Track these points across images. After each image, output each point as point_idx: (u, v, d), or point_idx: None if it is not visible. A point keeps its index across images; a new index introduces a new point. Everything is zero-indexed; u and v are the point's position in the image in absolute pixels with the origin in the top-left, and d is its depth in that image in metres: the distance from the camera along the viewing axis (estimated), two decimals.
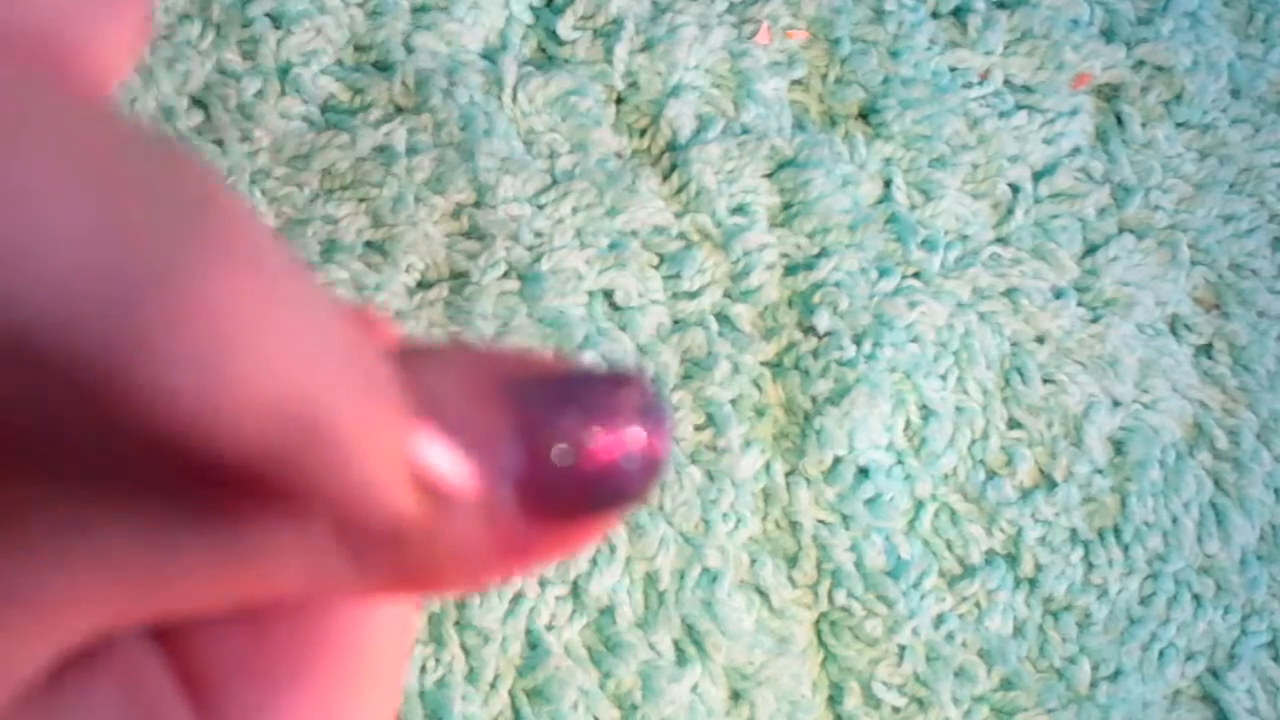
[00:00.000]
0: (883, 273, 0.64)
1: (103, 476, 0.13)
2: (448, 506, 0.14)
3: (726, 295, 0.63)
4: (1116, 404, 0.66)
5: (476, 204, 0.61)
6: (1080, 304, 0.67)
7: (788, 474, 0.62)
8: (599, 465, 0.15)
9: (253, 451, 0.12)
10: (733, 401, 0.62)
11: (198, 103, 0.62)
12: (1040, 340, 0.66)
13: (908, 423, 0.63)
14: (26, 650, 0.14)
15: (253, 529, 0.14)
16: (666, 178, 0.64)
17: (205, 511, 0.14)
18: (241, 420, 0.12)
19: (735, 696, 0.59)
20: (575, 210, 0.62)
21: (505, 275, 0.61)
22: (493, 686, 0.57)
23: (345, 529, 0.14)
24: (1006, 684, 0.62)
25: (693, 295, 0.63)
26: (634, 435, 0.15)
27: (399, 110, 0.63)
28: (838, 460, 0.62)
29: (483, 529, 0.15)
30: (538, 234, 0.62)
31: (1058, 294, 0.67)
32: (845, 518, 0.61)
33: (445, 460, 0.14)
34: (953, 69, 0.69)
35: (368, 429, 0.13)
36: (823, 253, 0.64)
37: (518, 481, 0.14)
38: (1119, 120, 0.70)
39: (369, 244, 0.61)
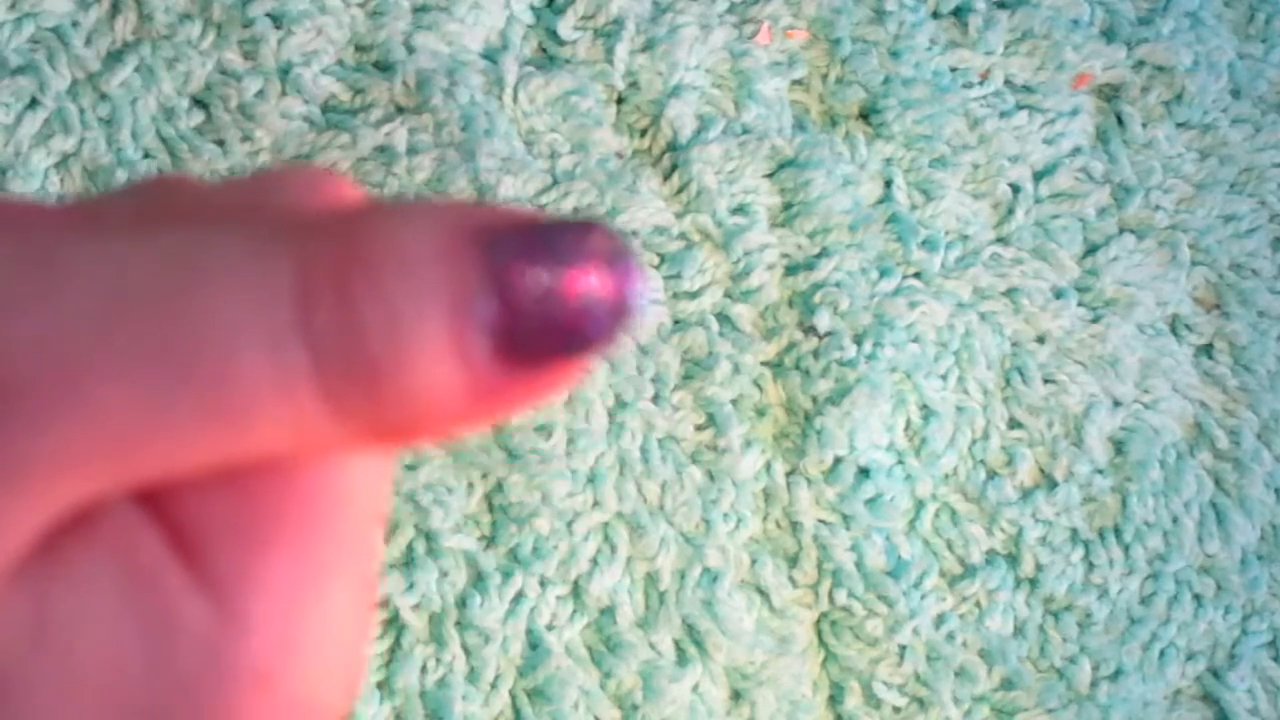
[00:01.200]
0: (883, 273, 0.65)
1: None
2: (422, 354, 0.15)
3: (727, 295, 0.63)
4: (1117, 404, 0.66)
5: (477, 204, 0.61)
6: (1081, 304, 0.67)
7: (788, 474, 0.62)
8: (569, 310, 0.15)
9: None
10: (733, 401, 0.62)
11: (199, 103, 0.62)
12: (1041, 340, 0.66)
13: (908, 423, 0.63)
14: (19, 515, 0.14)
15: (238, 386, 0.14)
16: (667, 178, 0.64)
17: (191, 373, 0.14)
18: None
19: (736, 696, 0.59)
20: (576, 210, 0.62)
21: None
22: (493, 686, 0.57)
23: (325, 382, 0.15)
24: (1007, 684, 0.62)
25: (693, 295, 0.63)
26: (602, 280, 0.16)
27: (400, 110, 0.63)
28: (838, 460, 0.62)
29: (457, 376, 0.15)
30: None
31: (1058, 294, 0.67)
32: (846, 518, 0.61)
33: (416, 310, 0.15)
34: (953, 69, 0.69)
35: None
36: (823, 253, 0.64)
37: (490, 329, 0.15)
38: (1119, 120, 0.70)
39: None
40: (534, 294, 0.15)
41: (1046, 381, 0.66)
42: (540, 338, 0.15)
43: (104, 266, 0.15)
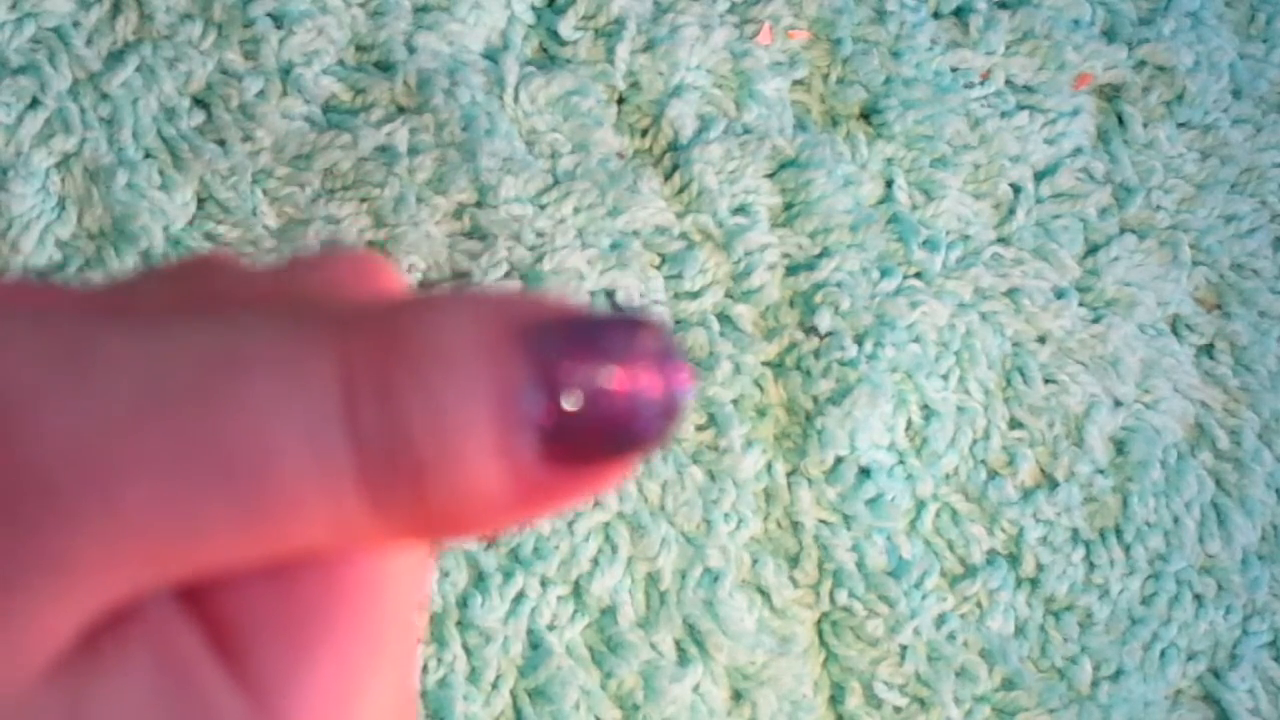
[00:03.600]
0: (884, 273, 0.64)
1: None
2: (468, 453, 0.14)
3: (728, 295, 0.63)
4: (1118, 404, 0.66)
5: (478, 204, 0.61)
6: (1082, 304, 0.67)
7: (789, 474, 0.62)
8: (617, 409, 0.15)
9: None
10: (734, 401, 0.62)
11: (200, 103, 0.62)
12: (1042, 340, 0.66)
13: (909, 423, 0.63)
14: (59, 615, 0.14)
15: (279, 484, 0.14)
16: (668, 178, 0.64)
17: (231, 471, 0.14)
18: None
19: (737, 696, 0.59)
20: (577, 210, 0.62)
21: (507, 275, 0.61)
22: (494, 686, 0.57)
23: (368, 478, 0.14)
24: (1008, 684, 0.62)
25: (694, 295, 0.63)
26: (651, 379, 0.15)
27: (401, 110, 0.63)
28: (839, 460, 0.62)
29: (504, 475, 0.15)
30: (539, 234, 0.62)
31: (1059, 294, 0.67)
32: (847, 518, 0.61)
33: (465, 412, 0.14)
34: (954, 69, 0.69)
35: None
36: (824, 253, 0.64)
37: (537, 427, 0.15)
38: (1120, 120, 0.70)
39: (371, 244, 0.61)
40: (582, 392, 0.15)
41: (1047, 381, 0.66)
42: (588, 437, 0.15)
43: (138, 358, 0.14)
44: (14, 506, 0.14)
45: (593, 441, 0.15)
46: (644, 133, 0.65)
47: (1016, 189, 0.68)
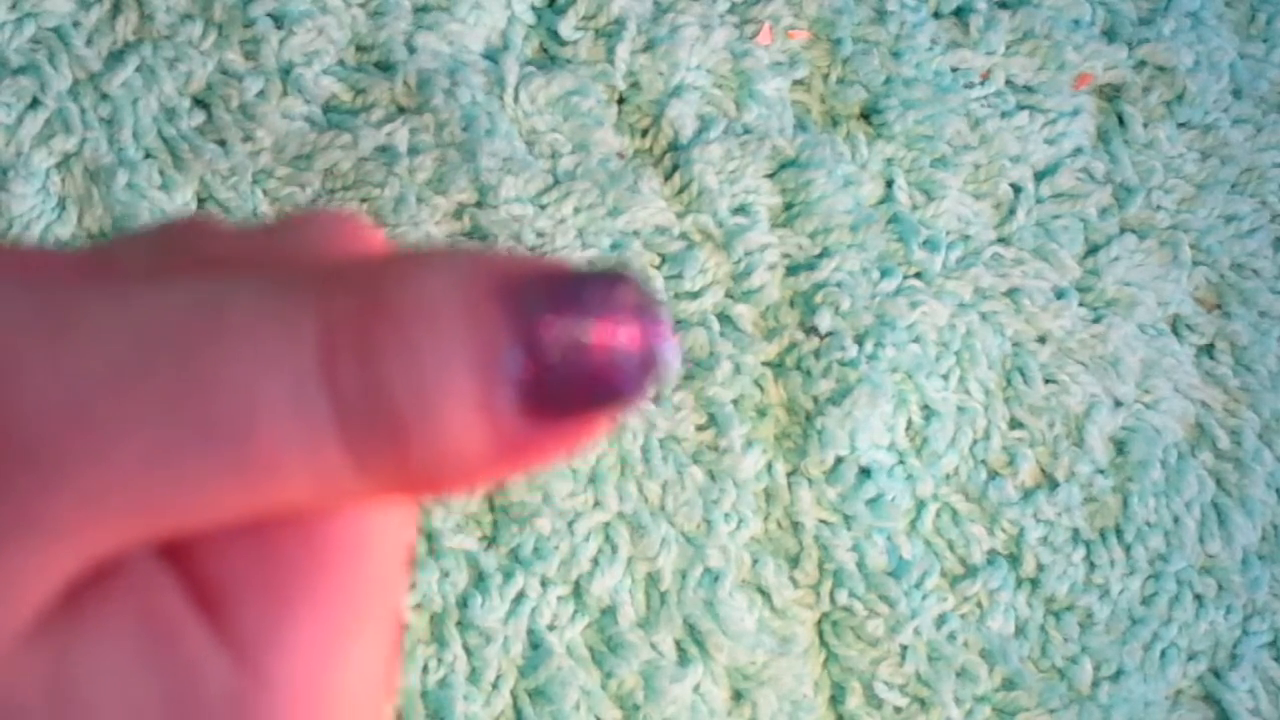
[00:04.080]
0: (884, 273, 0.64)
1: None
2: (448, 408, 0.15)
3: (728, 295, 0.63)
4: (1118, 404, 0.66)
5: (478, 204, 0.61)
6: (1082, 304, 0.67)
7: (789, 474, 0.62)
8: (597, 363, 0.15)
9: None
10: (734, 401, 0.62)
11: (200, 103, 0.62)
12: (1042, 340, 0.66)
13: (909, 423, 0.63)
14: (41, 571, 0.14)
15: (260, 440, 0.14)
16: (668, 178, 0.64)
17: (212, 427, 0.14)
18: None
19: (737, 696, 0.59)
20: (577, 210, 0.62)
21: None
22: (495, 686, 0.57)
23: (350, 435, 0.14)
24: (1008, 684, 0.62)
25: (694, 295, 0.63)
26: (630, 333, 0.15)
27: (401, 110, 0.63)
28: (839, 460, 0.62)
29: (484, 430, 0.15)
30: (540, 234, 0.62)
31: (1059, 294, 0.67)
32: (847, 518, 0.61)
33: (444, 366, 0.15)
34: (954, 69, 0.69)
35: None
36: (824, 253, 0.64)
37: (518, 382, 0.15)
38: (1121, 120, 0.70)
39: None
40: (562, 347, 0.15)
41: (1048, 381, 0.66)
42: (568, 391, 0.15)
43: (120, 318, 0.14)
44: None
45: (573, 395, 0.15)
46: (644, 133, 0.65)
47: (1017, 189, 0.68)
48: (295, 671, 0.15)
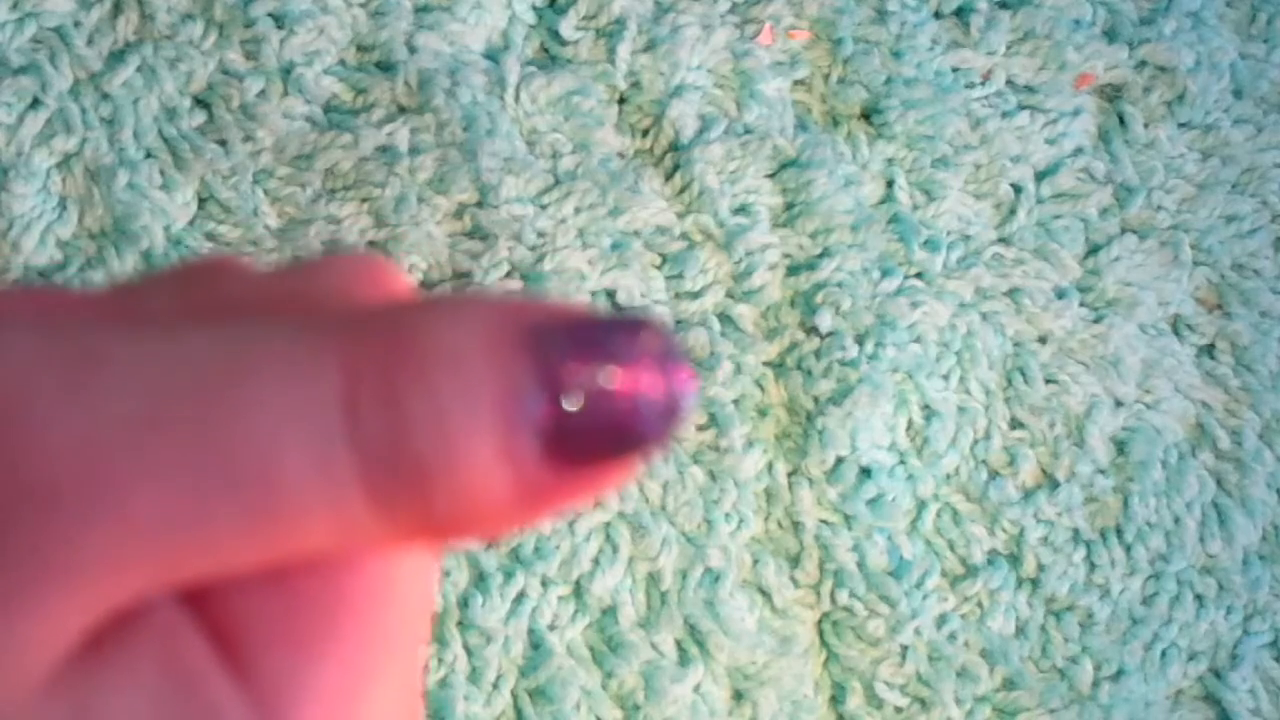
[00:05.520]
0: (885, 273, 0.64)
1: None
2: (470, 455, 0.15)
3: (729, 295, 0.63)
4: (1119, 404, 0.66)
5: (479, 204, 0.61)
6: (1083, 304, 0.67)
7: (790, 474, 0.62)
8: (620, 410, 0.15)
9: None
10: (735, 401, 0.62)
11: (201, 103, 0.62)
12: (1043, 340, 0.66)
13: (910, 423, 0.63)
14: (63, 617, 0.14)
15: (282, 488, 0.14)
16: (669, 178, 0.64)
17: (234, 475, 0.14)
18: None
19: (737, 696, 0.59)
20: (578, 210, 0.62)
21: (508, 275, 0.61)
22: (495, 686, 0.57)
23: (372, 482, 0.14)
24: (1009, 684, 0.62)
25: (695, 295, 0.63)
26: (653, 380, 0.15)
27: (402, 110, 0.63)
28: (840, 460, 0.62)
29: (506, 477, 0.15)
30: (540, 234, 0.62)
31: (1060, 294, 0.67)
32: (848, 518, 0.61)
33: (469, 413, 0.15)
34: (955, 69, 0.69)
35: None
36: (825, 253, 0.64)
37: (540, 429, 0.15)
38: (1121, 120, 0.70)
39: (372, 244, 0.61)
40: (585, 394, 0.15)
41: (1048, 381, 0.65)
42: (591, 438, 0.15)
43: (143, 368, 0.14)
44: (18, 513, 0.14)
45: (595, 443, 0.15)
46: (645, 133, 0.65)
47: (1017, 189, 0.68)
48: (317, 718, 0.15)
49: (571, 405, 0.15)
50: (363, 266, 0.18)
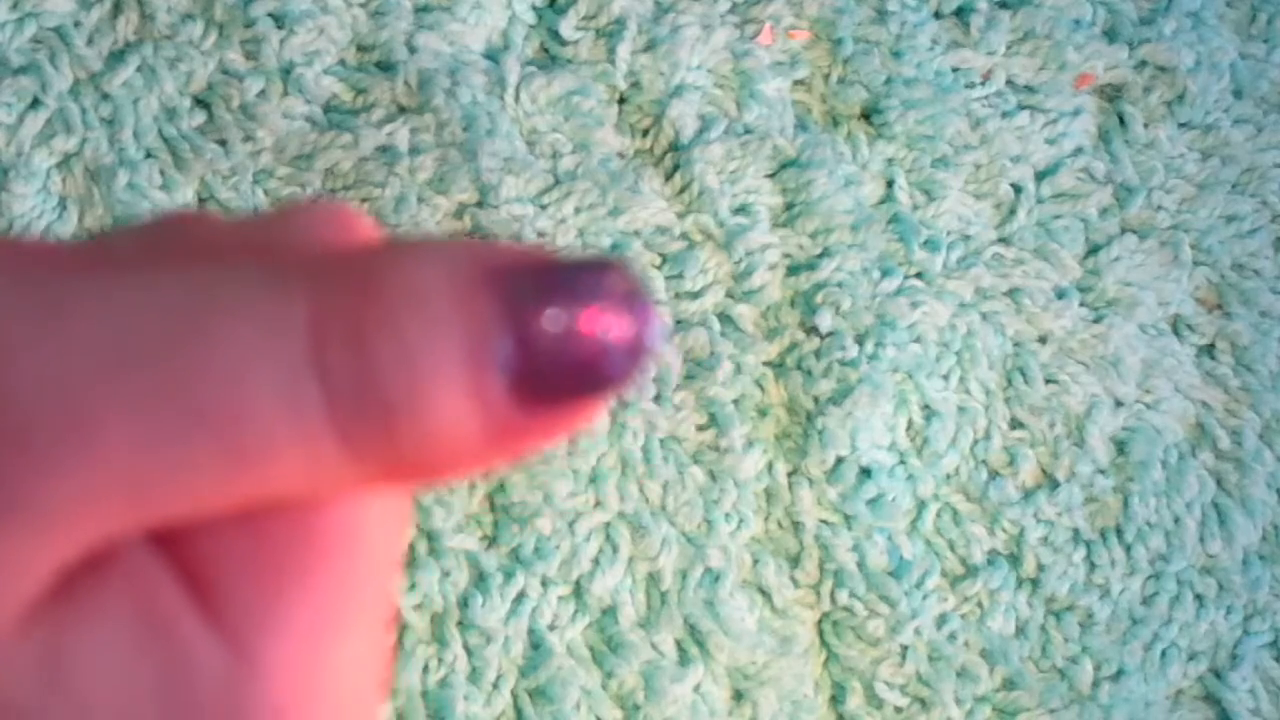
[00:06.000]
0: (885, 273, 0.65)
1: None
2: (438, 394, 0.15)
3: (729, 295, 0.63)
4: (1119, 404, 0.66)
5: (479, 204, 0.61)
6: (1083, 304, 0.67)
7: (790, 474, 0.62)
8: (586, 350, 0.15)
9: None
10: (735, 401, 0.62)
11: (201, 103, 0.62)
12: (1043, 340, 0.66)
13: (910, 423, 0.63)
14: (32, 558, 0.14)
15: (251, 426, 0.14)
16: (669, 178, 0.64)
17: (203, 413, 0.14)
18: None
19: (737, 696, 0.59)
20: (578, 210, 0.62)
21: None
22: (495, 686, 0.57)
23: (340, 421, 0.15)
24: (1009, 684, 0.62)
25: (695, 295, 0.63)
26: (620, 319, 0.15)
27: (402, 110, 0.63)
28: (840, 460, 0.62)
29: (474, 416, 0.15)
30: (540, 234, 0.62)
31: (1060, 294, 0.67)
32: (847, 518, 0.61)
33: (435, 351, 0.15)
34: (955, 69, 0.69)
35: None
36: (825, 253, 0.64)
37: (507, 368, 0.15)
38: (1121, 120, 0.70)
39: None
40: (551, 333, 0.15)
41: (1048, 381, 0.66)
42: (557, 377, 0.15)
43: (113, 306, 0.14)
44: None
45: (562, 382, 0.15)
46: (645, 133, 0.65)
47: (1017, 189, 0.68)
48: (287, 658, 0.15)
49: (537, 345, 0.15)
50: (329, 213, 0.18)
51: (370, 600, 0.16)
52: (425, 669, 0.57)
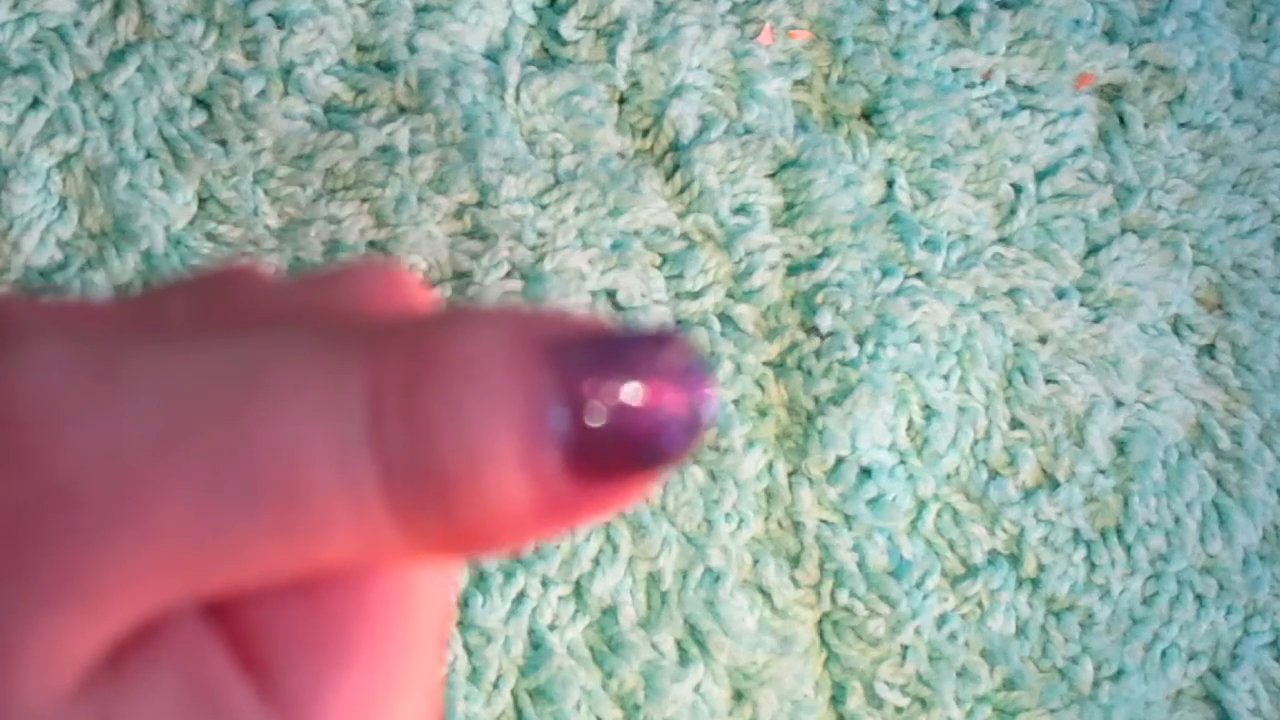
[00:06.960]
0: (885, 273, 0.65)
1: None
2: (493, 467, 0.15)
3: (729, 295, 0.63)
4: (1119, 404, 0.66)
5: (479, 204, 0.61)
6: (1083, 304, 0.67)
7: (790, 474, 0.62)
8: (642, 425, 0.15)
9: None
10: (735, 402, 0.62)
11: (201, 103, 0.62)
12: (1043, 340, 0.66)
13: (910, 423, 0.63)
14: (86, 633, 0.14)
15: (306, 500, 0.14)
16: (669, 178, 0.64)
17: (257, 487, 0.14)
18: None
19: (738, 696, 0.59)
20: (578, 210, 0.62)
21: (508, 275, 0.61)
22: (495, 686, 0.57)
23: (395, 494, 0.14)
24: (1009, 684, 0.62)
25: (695, 295, 0.63)
26: (676, 395, 0.15)
27: (402, 110, 0.63)
28: (840, 460, 0.62)
29: (528, 490, 0.15)
30: (540, 234, 0.62)
31: (1060, 294, 0.67)
32: (848, 518, 0.61)
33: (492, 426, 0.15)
34: (955, 69, 0.69)
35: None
36: (825, 253, 0.64)
37: (563, 443, 0.15)
38: (1122, 120, 0.70)
39: (372, 244, 0.61)
40: (607, 408, 0.15)
41: (1049, 381, 0.66)
42: (613, 452, 0.15)
43: (167, 379, 0.14)
44: (42, 524, 0.14)
45: (617, 456, 0.15)
46: (645, 133, 0.65)
47: (1018, 189, 0.68)
48: None
49: (594, 420, 0.15)
50: (383, 277, 0.18)
51: (419, 670, 0.16)
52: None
